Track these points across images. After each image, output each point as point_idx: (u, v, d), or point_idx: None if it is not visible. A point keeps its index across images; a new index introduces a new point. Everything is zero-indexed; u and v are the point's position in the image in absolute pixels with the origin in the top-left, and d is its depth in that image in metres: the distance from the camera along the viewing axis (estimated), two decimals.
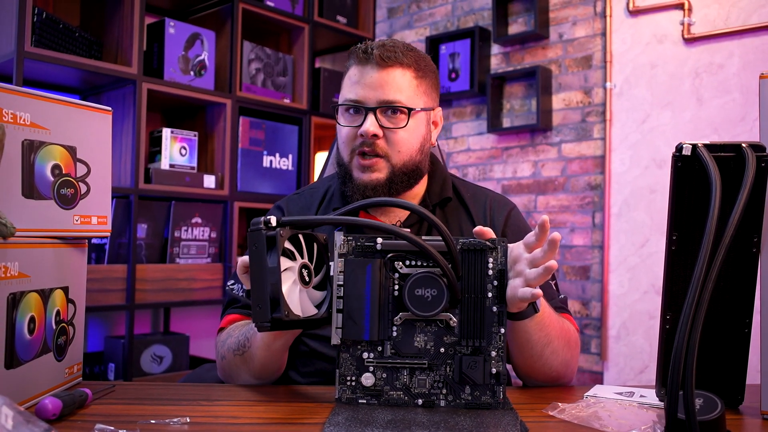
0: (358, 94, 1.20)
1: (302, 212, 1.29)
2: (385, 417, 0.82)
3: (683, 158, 0.81)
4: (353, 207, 0.93)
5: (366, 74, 1.20)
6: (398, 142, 1.20)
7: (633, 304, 2.69)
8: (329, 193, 1.32)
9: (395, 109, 1.19)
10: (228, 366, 1.13)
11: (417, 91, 1.22)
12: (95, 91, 2.69)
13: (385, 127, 1.19)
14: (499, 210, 1.29)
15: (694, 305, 0.69)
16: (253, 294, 0.87)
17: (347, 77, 1.23)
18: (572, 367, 1.11)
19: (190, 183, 2.69)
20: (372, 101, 1.19)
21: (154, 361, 2.62)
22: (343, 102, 1.22)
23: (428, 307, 0.88)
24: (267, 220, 0.87)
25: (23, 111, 0.88)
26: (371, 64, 1.19)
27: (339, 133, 1.25)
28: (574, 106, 2.90)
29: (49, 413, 0.78)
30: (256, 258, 0.87)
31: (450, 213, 1.28)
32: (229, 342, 1.12)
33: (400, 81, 1.20)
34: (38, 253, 0.89)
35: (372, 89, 1.19)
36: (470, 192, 1.32)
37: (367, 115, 1.19)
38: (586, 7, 2.89)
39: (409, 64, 1.21)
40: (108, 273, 2.44)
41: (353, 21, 3.45)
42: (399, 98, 1.19)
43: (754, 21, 2.45)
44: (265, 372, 1.08)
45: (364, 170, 1.20)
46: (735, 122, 2.47)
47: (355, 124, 1.21)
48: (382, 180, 1.20)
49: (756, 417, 0.86)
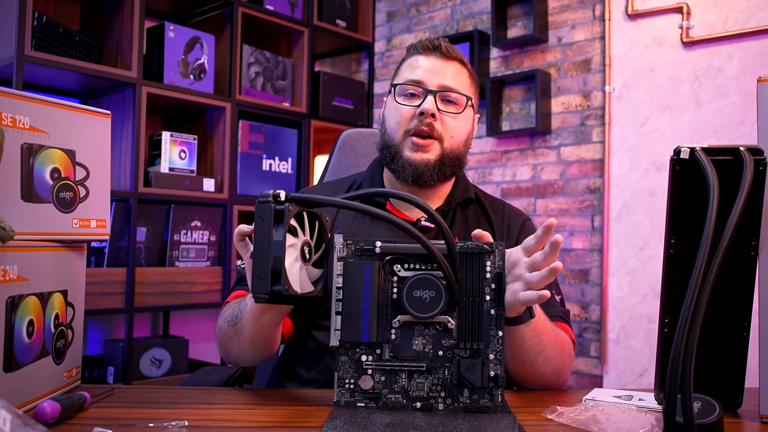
0: (420, 76, 1.26)
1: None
2: (383, 420, 0.82)
3: (681, 162, 0.81)
4: (368, 193, 0.94)
5: (430, 61, 1.27)
6: (452, 127, 1.25)
7: (632, 308, 2.69)
8: (354, 186, 1.35)
9: (451, 99, 1.25)
10: (223, 337, 1.15)
11: (471, 88, 1.30)
12: (95, 95, 2.69)
13: (442, 110, 1.24)
14: (515, 220, 1.34)
15: (693, 308, 0.69)
16: (255, 265, 0.86)
17: (407, 64, 1.30)
18: (564, 376, 1.12)
19: (189, 186, 2.69)
20: (433, 84, 1.25)
21: (153, 364, 2.62)
22: (404, 82, 1.27)
23: (426, 308, 0.88)
24: (276, 193, 0.87)
25: (22, 114, 0.88)
26: (436, 54, 1.27)
27: (392, 114, 1.28)
28: (574, 109, 2.91)
29: (48, 416, 0.78)
30: (262, 229, 0.86)
31: (471, 215, 1.32)
32: (227, 313, 1.15)
33: (459, 74, 1.28)
34: (37, 257, 0.89)
35: (435, 74, 1.25)
36: (489, 201, 1.38)
37: (426, 96, 1.24)
38: (585, 11, 2.89)
39: (467, 65, 1.31)
40: (107, 276, 2.44)
41: (352, 25, 3.45)
42: (458, 86, 1.26)
43: (753, 24, 2.45)
44: (254, 344, 1.09)
45: (417, 149, 1.24)
46: (734, 125, 2.48)
47: (413, 104, 1.25)
48: (432, 161, 1.24)
49: (754, 420, 0.86)
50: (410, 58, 1.30)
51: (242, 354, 1.12)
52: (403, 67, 1.31)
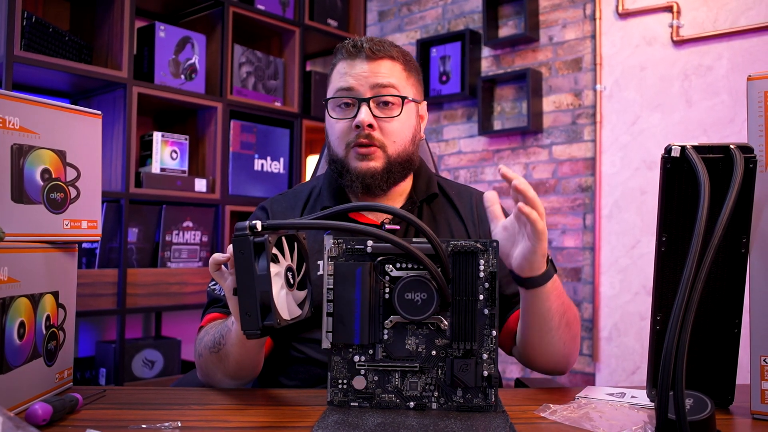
0: (349, 83, 1.19)
1: (286, 212, 1.28)
2: (375, 420, 0.82)
3: (672, 160, 0.82)
4: (339, 210, 0.90)
5: (356, 66, 1.20)
6: (393, 132, 1.20)
7: (624, 306, 2.70)
8: (314, 193, 1.31)
9: (387, 102, 1.20)
10: (204, 364, 1.12)
11: (407, 83, 1.23)
12: (85, 95, 2.68)
13: (379, 117, 1.19)
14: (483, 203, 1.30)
15: (684, 306, 0.70)
16: (242, 301, 0.85)
17: (336, 71, 1.23)
18: (578, 344, 1.11)
19: (181, 187, 2.68)
20: (365, 90, 1.19)
21: (145, 365, 2.61)
22: (334, 93, 1.21)
23: (418, 311, 0.88)
24: (252, 225, 0.85)
25: (12, 115, 0.88)
26: (361, 57, 1.20)
27: (331, 128, 1.23)
28: (565, 108, 2.92)
29: (39, 419, 0.78)
30: (244, 264, 0.85)
31: (437, 209, 1.28)
32: (206, 339, 1.12)
33: (391, 71, 1.21)
34: (28, 258, 0.89)
35: (364, 78, 1.19)
36: (454, 190, 1.33)
37: (360, 107, 1.18)
38: (575, 10, 2.90)
39: (398, 58, 1.23)
40: (99, 277, 2.42)
41: (344, 24, 3.45)
42: (391, 83, 1.20)
43: (742, 23, 2.47)
44: (240, 371, 1.07)
45: (362, 158, 1.19)
46: (724, 124, 2.49)
47: (348, 116, 1.20)
48: (379, 169, 1.20)
49: (746, 417, 0.86)
50: (337, 65, 1.23)
51: (227, 379, 1.09)
52: (333, 76, 1.24)
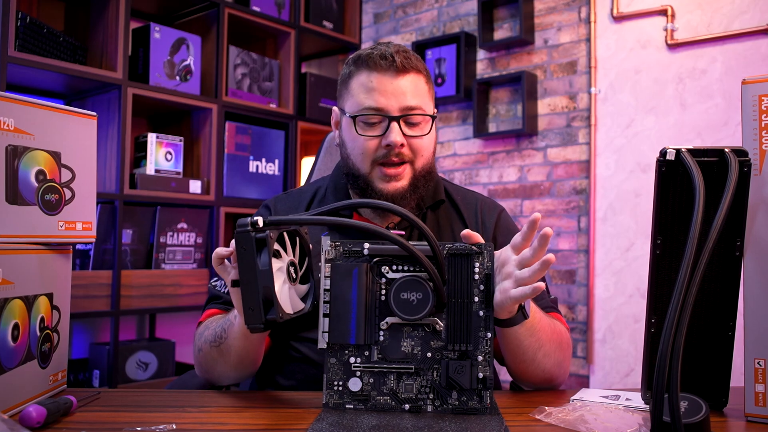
0: (379, 102, 1.15)
1: (290, 212, 1.28)
2: (370, 422, 0.82)
3: (667, 163, 0.82)
4: (343, 205, 0.92)
5: (386, 81, 1.16)
6: (421, 148, 1.18)
7: (618, 308, 2.71)
8: (319, 193, 1.31)
9: (415, 122, 1.17)
10: (204, 358, 1.13)
11: (429, 96, 1.21)
12: (80, 96, 2.67)
13: (409, 135, 1.17)
14: (489, 213, 1.30)
15: (679, 308, 0.70)
16: (244, 296, 0.87)
17: (360, 84, 1.17)
18: (565, 367, 1.10)
19: (175, 188, 2.68)
20: (395, 109, 1.15)
21: (139, 367, 2.60)
22: (362, 111, 1.16)
23: (414, 310, 0.88)
24: (254, 221, 0.86)
25: (7, 116, 0.88)
26: (391, 71, 1.15)
27: (354, 143, 1.19)
28: (560, 111, 2.92)
29: (34, 421, 0.78)
30: (246, 259, 0.86)
31: (442, 215, 1.28)
32: (206, 334, 1.13)
33: (418, 87, 1.18)
34: (22, 260, 0.88)
35: (394, 96, 1.15)
36: (461, 195, 1.33)
37: (390, 125, 1.15)
38: (570, 13, 2.91)
39: (422, 69, 1.20)
40: (93, 279, 2.42)
41: (339, 26, 3.45)
42: (420, 104, 1.17)
43: (736, 27, 2.48)
44: (241, 364, 1.08)
45: (389, 180, 1.17)
46: (718, 127, 2.50)
47: (376, 133, 1.17)
48: (406, 187, 1.18)
49: (740, 419, 0.87)
50: (360, 76, 1.18)
51: (227, 373, 1.11)
52: (355, 87, 1.18)
